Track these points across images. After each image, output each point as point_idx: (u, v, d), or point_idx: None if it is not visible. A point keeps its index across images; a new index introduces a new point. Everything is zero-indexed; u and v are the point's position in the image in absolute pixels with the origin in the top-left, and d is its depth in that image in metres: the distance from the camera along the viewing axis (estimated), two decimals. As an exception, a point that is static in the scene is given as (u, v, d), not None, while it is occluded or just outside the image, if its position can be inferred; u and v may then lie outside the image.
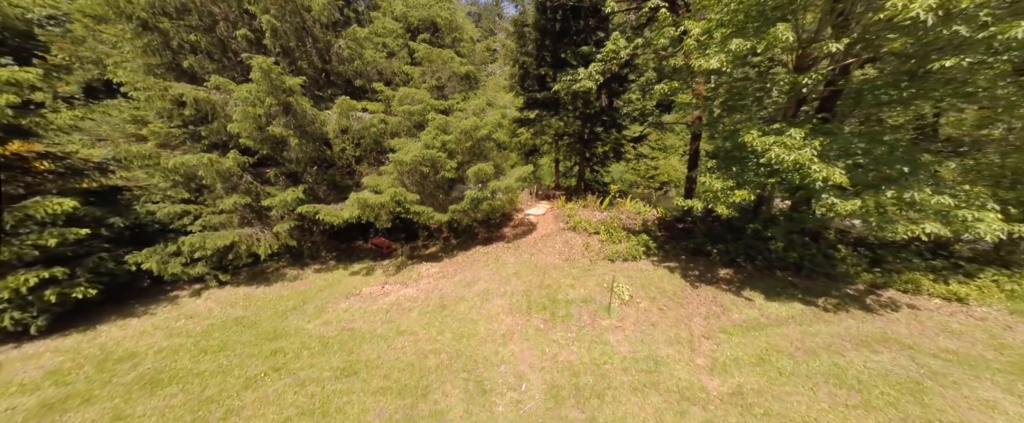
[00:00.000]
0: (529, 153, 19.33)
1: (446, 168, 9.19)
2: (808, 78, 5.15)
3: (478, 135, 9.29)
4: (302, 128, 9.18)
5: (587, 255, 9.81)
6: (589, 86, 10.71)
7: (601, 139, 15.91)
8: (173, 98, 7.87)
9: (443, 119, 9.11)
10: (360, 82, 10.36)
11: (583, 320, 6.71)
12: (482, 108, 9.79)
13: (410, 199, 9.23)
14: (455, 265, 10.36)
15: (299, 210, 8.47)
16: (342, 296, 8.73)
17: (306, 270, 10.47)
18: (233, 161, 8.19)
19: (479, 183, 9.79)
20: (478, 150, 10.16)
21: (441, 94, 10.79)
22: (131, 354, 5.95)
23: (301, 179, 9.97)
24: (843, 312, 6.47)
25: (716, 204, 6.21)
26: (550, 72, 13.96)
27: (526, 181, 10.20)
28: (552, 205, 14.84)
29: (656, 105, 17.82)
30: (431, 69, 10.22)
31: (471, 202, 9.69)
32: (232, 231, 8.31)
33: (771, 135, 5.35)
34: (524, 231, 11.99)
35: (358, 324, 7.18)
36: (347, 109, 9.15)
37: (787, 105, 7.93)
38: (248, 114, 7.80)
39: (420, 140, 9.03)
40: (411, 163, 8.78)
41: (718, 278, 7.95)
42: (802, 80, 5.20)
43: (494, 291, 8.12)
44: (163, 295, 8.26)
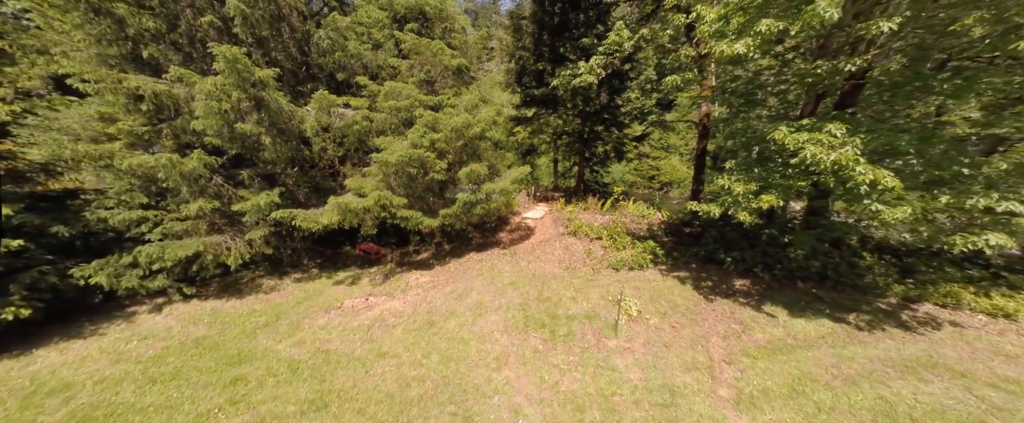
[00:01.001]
0: (526, 153, 18.59)
1: (436, 169, 8.42)
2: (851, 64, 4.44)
3: (470, 134, 8.53)
4: (277, 125, 8.38)
5: (589, 263, 9.07)
6: (590, 81, 9.97)
7: (601, 138, 15.20)
8: (128, 92, 7.05)
9: (432, 116, 8.34)
10: (343, 76, 9.57)
11: (587, 340, 5.97)
12: (475, 104, 9.02)
13: (397, 203, 8.46)
14: (447, 274, 9.60)
15: (273, 216, 7.67)
16: (321, 310, 7.94)
17: (285, 280, 9.66)
18: (198, 162, 7.37)
19: (472, 185, 9.03)
20: (471, 150, 9.39)
21: (431, 89, 10.01)
22: (66, 385, 5.14)
23: (278, 181, 9.17)
24: (879, 331, 5.77)
25: (737, 210, 5.49)
26: (548, 67, 13.22)
27: (523, 183, 9.46)
28: (551, 207, 14.09)
29: (656, 103, 17.17)
30: (420, 62, 9.44)
31: (463, 206, 8.93)
32: (197, 240, 7.50)
33: (804, 132, 4.64)
34: (521, 236, 11.24)
35: (335, 344, 6.40)
36: (327, 105, 8.35)
37: (805, 99, 7.25)
38: (212, 109, 7.00)
39: (407, 139, 8.25)
40: (397, 164, 8.00)
41: (734, 290, 7.23)
42: (844, 66, 4.49)
43: (488, 305, 7.36)
44: (119, 311, 7.43)
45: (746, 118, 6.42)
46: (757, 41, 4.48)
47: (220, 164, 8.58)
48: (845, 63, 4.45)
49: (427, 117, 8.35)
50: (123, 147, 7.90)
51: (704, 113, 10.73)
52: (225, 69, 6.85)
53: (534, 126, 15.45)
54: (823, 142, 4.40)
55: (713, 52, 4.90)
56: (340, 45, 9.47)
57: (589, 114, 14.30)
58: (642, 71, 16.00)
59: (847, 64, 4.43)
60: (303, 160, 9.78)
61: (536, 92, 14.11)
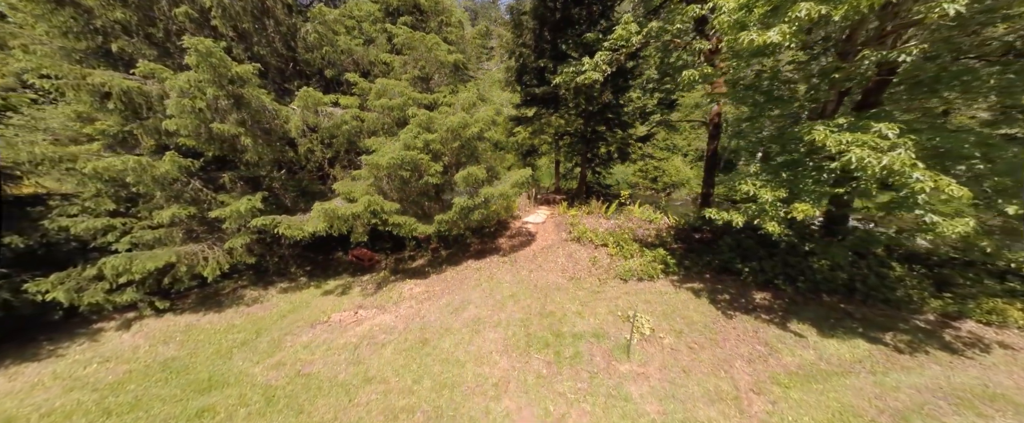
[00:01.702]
0: (527, 154, 18.00)
1: (430, 172, 7.83)
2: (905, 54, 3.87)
3: (467, 134, 7.94)
4: (260, 125, 7.78)
5: (594, 272, 8.48)
6: (595, 78, 9.39)
7: (605, 139, 14.61)
8: (93, 89, 6.45)
9: (426, 115, 7.76)
10: (331, 73, 8.97)
11: (595, 363, 5.38)
12: (472, 103, 8.43)
13: (388, 208, 7.87)
14: (443, 283, 9.01)
15: (254, 223, 7.07)
16: (306, 325, 7.35)
17: (270, 290, 9.06)
18: (171, 164, 6.78)
19: (470, 189, 8.43)
20: (468, 151, 8.81)
21: (426, 87, 9.43)
22: (7, 420, 4.53)
23: (263, 185, 8.57)
24: (921, 353, 5.19)
25: (763, 219, 4.90)
26: (550, 64, 12.63)
27: (524, 186, 8.88)
28: (552, 211, 13.51)
29: (658, 102, 16.53)
30: (413, 58, 8.85)
31: (460, 211, 8.34)
32: (169, 249, 6.90)
33: (846, 132, 4.06)
34: (522, 242, 10.65)
35: (317, 366, 5.81)
36: (313, 103, 7.76)
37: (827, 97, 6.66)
38: (186, 108, 6.40)
39: (399, 139, 7.67)
40: (388, 167, 7.41)
41: (755, 304, 6.64)
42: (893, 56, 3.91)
43: (486, 320, 6.77)
44: (83, 329, 6.83)
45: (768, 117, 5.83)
46: (793, 28, 3.90)
47: (199, 167, 7.97)
48: (897, 53, 3.88)
49: (421, 117, 7.77)
50: (101, 148, 7.31)
51: (715, 113, 10.15)
52: (198, 63, 6.26)
53: (535, 126, 14.86)
54: (871, 144, 3.82)
55: (739, 42, 4.31)
56: (329, 40, 8.88)
57: (592, 114, 13.71)
58: (643, 71, 15.39)
59: (900, 54, 3.86)
60: (290, 162, 9.19)
61: (537, 91, 13.52)
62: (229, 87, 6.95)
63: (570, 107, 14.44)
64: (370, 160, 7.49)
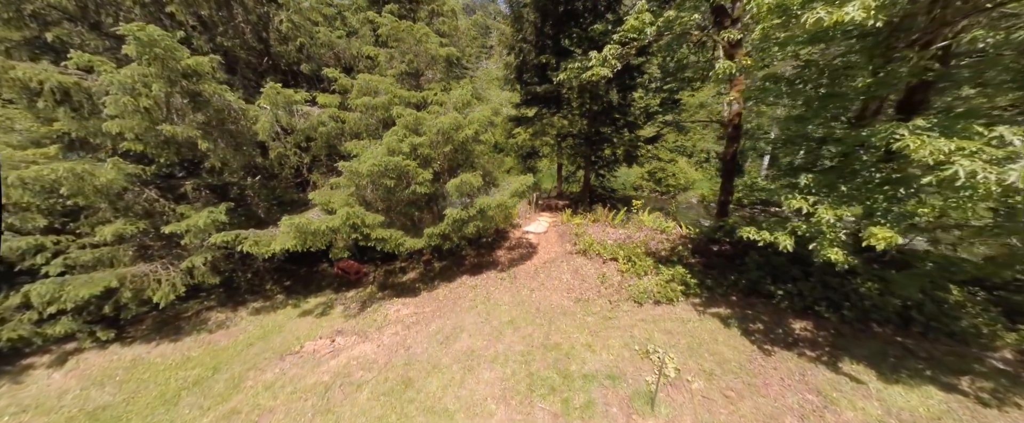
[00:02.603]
0: (527, 156, 17.06)
1: (418, 180, 6.88)
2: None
3: (460, 137, 6.99)
4: (223, 127, 6.83)
5: (604, 293, 7.53)
6: (604, 75, 8.43)
7: (610, 140, 13.66)
8: (21, 83, 5.49)
9: (413, 115, 6.81)
10: (308, 68, 8.02)
11: (612, 416, 4.43)
12: (467, 101, 7.48)
13: (371, 221, 6.92)
14: (434, 303, 8.06)
15: (213, 240, 6.11)
16: (275, 356, 6.40)
17: (240, 311, 8.10)
18: (115, 172, 5.82)
19: (464, 199, 7.49)
20: (462, 156, 7.86)
21: (415, 84, 8.48)
22: None
23: (231, 194, 7.62)
24: (1011, 406, 4.24)
25: (822, 244, 3.96)
26: (552, 60, 11.70)
27: (524, 195, 7.93)
28: (555, 219, 12.56)
29: (661, 103, 15.53)
30: (401, 51, 7.91)
31: (453, 224, 7.39)
32: (111, 272, 5.94)
33: (941, 137, 3.11)
34: (522, 255, 9.70)
35: (278, 416, 4.85)
36: (285, 101, 6.81)
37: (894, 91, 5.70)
38: (126, 107, 5.44)
39: (382, 143, 6.72)
40: (369, 174, 6.46)
41: (795, 336, 5.69)
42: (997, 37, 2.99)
43: (481, 353, 5.82)
44: (10, 366, 5.86)
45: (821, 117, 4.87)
46: (880, 1, 2.97)
47: (155, 173, 7.03)
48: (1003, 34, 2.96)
49: (407, 117, 6.82)
50: (58, 152, 6.36)
51: (734, 113, 9.21)
52: (140, 53, 5.30)
53: (536, 127, 13.91)
54: (983, 154, 2.88)
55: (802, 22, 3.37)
56: (306, 31, 7.93)
57: (597, 114, 12.79)
58: (645, 70, 14.41)
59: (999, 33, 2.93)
60: (263, 168, 8.24)
61: (538, 89, 12.58)
62: (183, 82, 5.99)
63: (573, 107, 13.53)
64: (349, 167, 6.54)
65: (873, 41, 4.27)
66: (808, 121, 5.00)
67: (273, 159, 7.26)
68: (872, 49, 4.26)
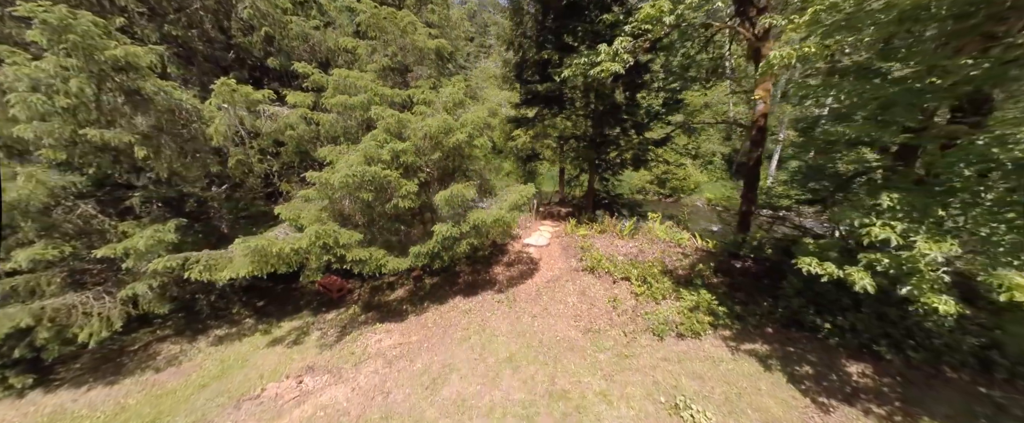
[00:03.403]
0: (527, 159, 16.09)
1: (401, 192, 5.88)
2: None
3: (451, 142, 5.99)
4: (173, 130, 5.83)
5: (617, 320, 6.54)
6: (614, 71, 7.46)
7: (616, 143, 12.67)
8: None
9: (395, 117, 5.81)
10: (276, 62, 7.01)
11: (640, 503, 3.44)
12: (459, 101, 6.49)
13: (347, 240, 5.92)
14: (422, 330, 7.06)
15: (153, 266, 5.10)
16: (230, 403, 5.40)
17: (199, 341, 7.08)
18: (31, 185, 4.82)
19: (455, 213, 6.49)
20: (453, 163, 6.87)
21: (401, 81, 7.49)
22: None
23: (184, 208, 6.61)
24: None
25: (920, 287, 2.99)
26: (555, 56, 10.70)
27: (523, 208, 6.94)
28: (558, 228, 11.58)
29: (663, 103, 14.51)
30: (383, 42, 6.91)
31: (442, 242, 6.40)
32: (24, 308, 4.92)
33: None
34: (522, 272, 8.70)
35: (217, 496, 3.85)
36: (244, 100, 5.81)
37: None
38: (37, 107, 4.43)
39: (359, 149, 5.74)
40: (342, 187, 5.46)
41: (855, 385, 4.71)
42: None
43: (474, 403, 4.84)
44: None
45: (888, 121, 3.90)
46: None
47: (92, 184, 6.01)
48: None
49: (388, 119, 5.82)
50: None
51: (760, 113, 8.25)
52: (53, 42, 4.30)
53: (537, 129, 12.92)
54: None
55: None
56: (275, 20, 6.92)
57: (603, 114, 11.79)
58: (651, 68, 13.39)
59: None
60: (228, 177, 7.23)
61: (539, 88, 11.59)
62: (117, 78, 4.99)
63: (577, 107, 12.54)
64: (319, 178, 5.55)
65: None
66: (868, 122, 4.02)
67: (233, 167, 6.24)
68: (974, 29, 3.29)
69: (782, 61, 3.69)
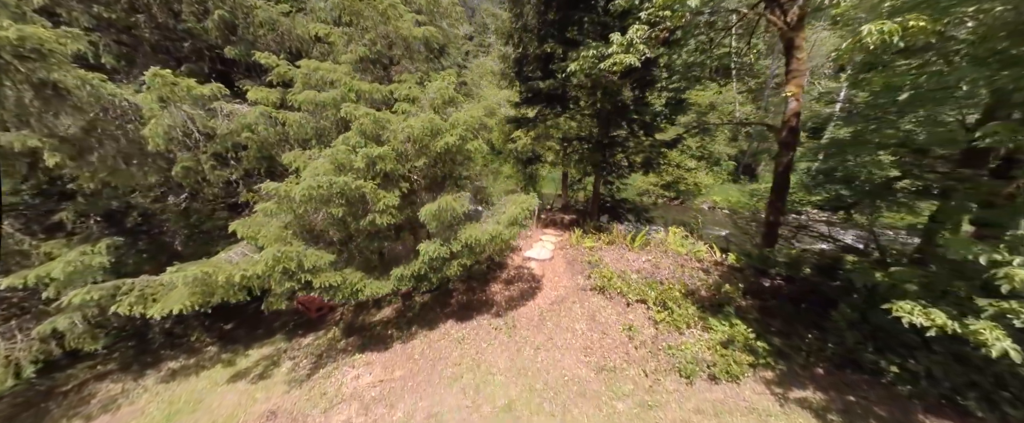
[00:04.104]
0: (528, 162, 15.12)
1: (378, 207, 4.91)
2: None
3: (439, 146, 5.03)
4: (109, 132, 4.86)
5: (635, 355, 5.58)
6: (629, 63, 6.50)
7: (624, 145, 11.72)
8: None
9: (371, 117, 4.84)
10: (235, 52, 6.03)
11: None
12: (448, 97, 5.52)
13: (314, 262, 4.96)
14: (407, 363, 6.09)
15: (69, 300, 4.13)
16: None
17: (147, 377, 6.09)
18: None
19: (445, 229, 5.53)
20: (443, 170, 5.91)
21: (385, 76, 6.52)
22: None
23: (124, 222, 5.64)
24: None
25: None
26: (558, 50, 9.75)
27: (523, 224, 5.96)
28: (562, 238, 10.62)
29: (665, 103, 13.51)
30: (361, 29, 5.95)
31: (430, 263, 5.44)
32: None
33: None
34: (523, 291, 7.73)
35: None
36: (186, 95, 4.83)
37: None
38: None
39: (326, 155, 4.78)
40: (305, 201, 4.50)
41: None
42: None
43: (464, 473, 3.86)
44: None
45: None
46: None
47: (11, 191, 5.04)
48: None
49: (363, 119, 4.85)
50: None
51: (792, 112, 7.29)
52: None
53: (538, 129, 11.97)
54: None
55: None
56: (236, 2, 5.94)
57: (609, 114, 10.84)
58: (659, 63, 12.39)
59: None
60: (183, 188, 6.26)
61: (541, 85, 10.63)
62: (23, 67, 4.01)
63: (581, 106, 11.60)
64: (278, 189, 4.58)
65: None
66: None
67: (180, 174, 5.27)
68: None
69: (880, 37, 2.74)
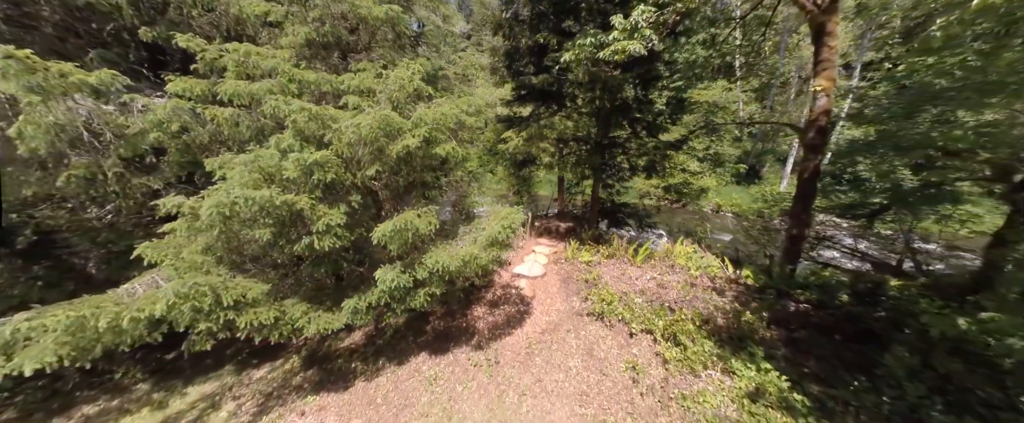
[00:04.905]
0: (521, 164, 14.08)
1: (318, 226, 3.87)
2: None
3: (398, 150, 4.00)
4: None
5: (642, 408, 4.55)
6: (633, 51, 5.48)
7: (625, 146, 10.72)
8: None
9: (307, 112, 3.80)
10: (152, 35, 4.96)
11: None
12: (411, 90, 4.48)
13: (239, 294, 3.94)
14: (368, 410, 5.07)
15: None
16: None
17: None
18: None
19: (408, 253, 4.50)
20: (406, 179, 4.87)
21: (342, 65, 5.47)
22: None
23: (13, 242, 4.59)
24: None
25: None
26: (553, 40, 8.74)
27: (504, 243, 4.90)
28: (556, 249, 9.61)
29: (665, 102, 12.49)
30: (308, 6, 4.90)
31: (390, 293, 4.41)
32: None
33: None
34: (509, 317, 6.70)
35: None
36: (61, 83, 3.78)
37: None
38: None
39: (243, 162, 3.74)
40: (214, 222, 3.46)
41: None
42: None
43: None
44: None
45: None
46: None
47: None
48: None
49: (297, 116, 3.81)
50: None
51: (821, 109, 6.28)
52: None
53: (531, 129, 10.95)
54: None
55: None
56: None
57: (609, 113, 9.83)
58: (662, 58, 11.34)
59: None
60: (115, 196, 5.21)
61: (535, 80, 9.60)
62: None
63: (578, 104, 10.59)
64: (182, 207, 3.55)
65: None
66: None
67: (67, 184, 4.22)
68: None
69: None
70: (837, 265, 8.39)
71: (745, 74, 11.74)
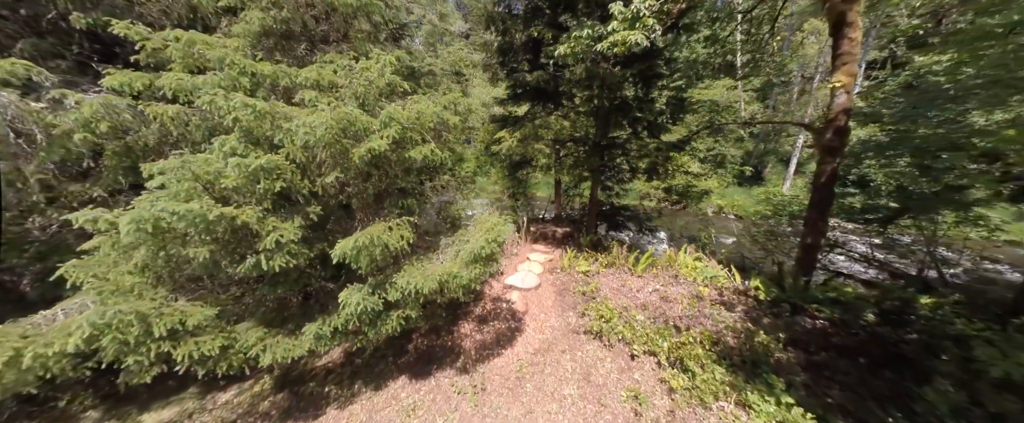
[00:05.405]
0: (516, 166, 13.51)
1: (267, 243, 3.29)
2: None
3: (362, 153, 3.43)
4: None
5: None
6: (635, 42, 4.93)
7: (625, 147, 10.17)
8: None
9: (252, 109, 3.24)
10: (86, 22, 4.37)
11: None
12: (382, 85, 3.92)
13: (176, 321, 3.37)
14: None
15: None
16: None
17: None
18: None
19: (378, 272, 3.94)
20: (376, 185, 4.30)
21: (308, 57, 4.90)
22: None
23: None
24: None
25: None
26: (548, 34, 8.20)
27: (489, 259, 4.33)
28: (552, 257, 9.06)
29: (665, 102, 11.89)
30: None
31: (359, 318, 3.84)
32: None
33: None
34: (499, 334, 6.13)
35: None
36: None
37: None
38: None
39: (172, 167, 3.16)
40: (137, 239, 2.90)
41: None
42: None
43: None
44: None
45: None
46: None
47: None
48: None
49: (241, 113, 3.24)
50: None
51: (840, 107, 5.73)
52: None
53: (526, 129, 10.39)
54: None
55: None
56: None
57: (608, 112, 9.29)
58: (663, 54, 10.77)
59: None
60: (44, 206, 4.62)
61: (529, 77, 9.06)
62: None
63: (576, 103, 10.06)
64: (98, 221, 2.98)
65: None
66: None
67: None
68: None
69: None
70: (851, 275, 7.84)
71: (749, 72, 11.19)
